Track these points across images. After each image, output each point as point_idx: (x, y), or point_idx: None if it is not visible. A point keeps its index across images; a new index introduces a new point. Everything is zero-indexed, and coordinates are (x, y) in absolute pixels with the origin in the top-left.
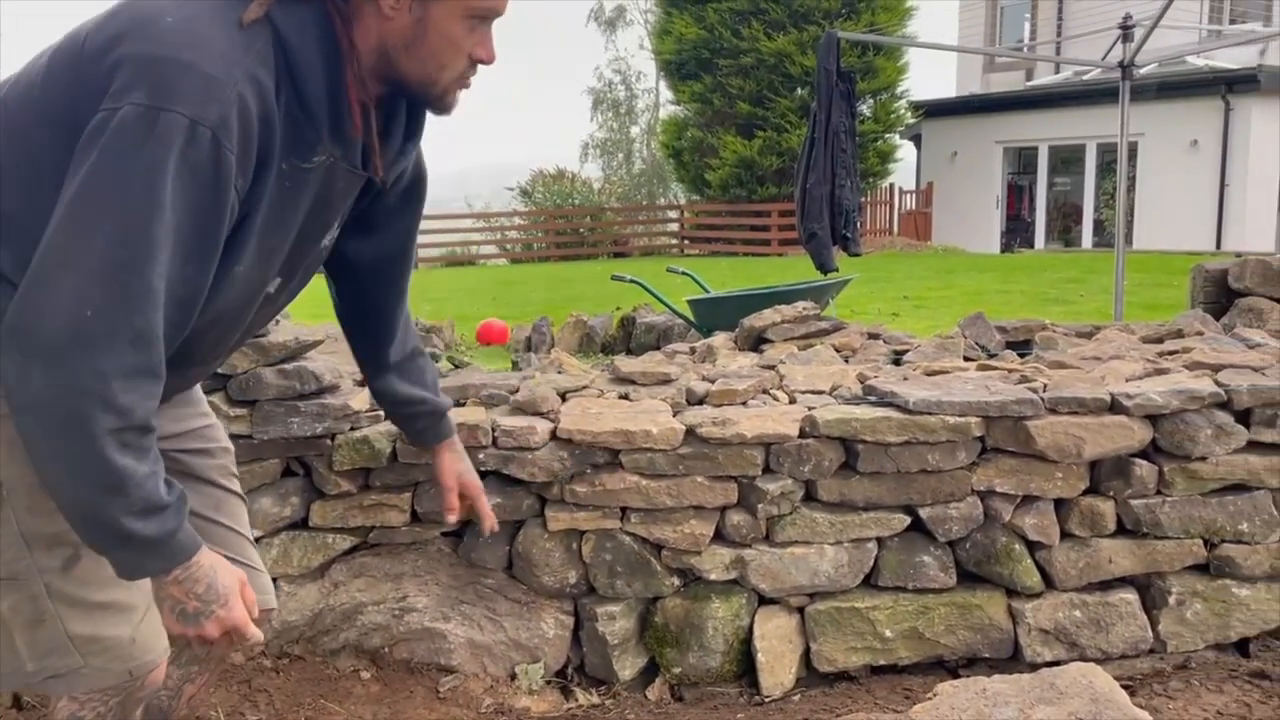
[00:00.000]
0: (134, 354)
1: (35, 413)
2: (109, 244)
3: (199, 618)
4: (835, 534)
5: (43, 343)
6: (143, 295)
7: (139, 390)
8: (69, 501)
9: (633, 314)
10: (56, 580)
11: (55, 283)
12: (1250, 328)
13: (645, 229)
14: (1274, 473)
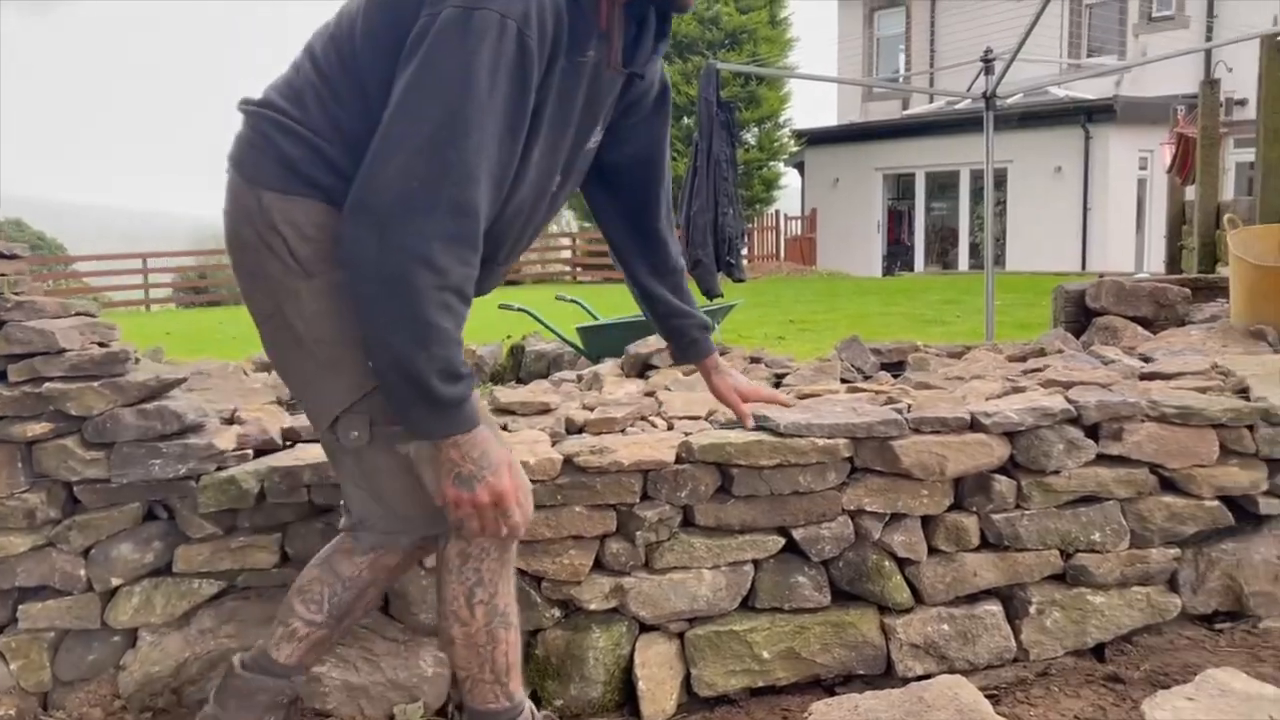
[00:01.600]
0: (453, 222)
1: (367, 273)
2: (433, 125)
3: (472, 481)
4: (713, 558)
5: (375, 211)
6: (461, 170)
7: (456, 255)
8: (385, 355)
9: (522, 343)
10: None
11: (387, 161)
12: (1106, 345)
13: (539, 256)
14: (1122, 484)
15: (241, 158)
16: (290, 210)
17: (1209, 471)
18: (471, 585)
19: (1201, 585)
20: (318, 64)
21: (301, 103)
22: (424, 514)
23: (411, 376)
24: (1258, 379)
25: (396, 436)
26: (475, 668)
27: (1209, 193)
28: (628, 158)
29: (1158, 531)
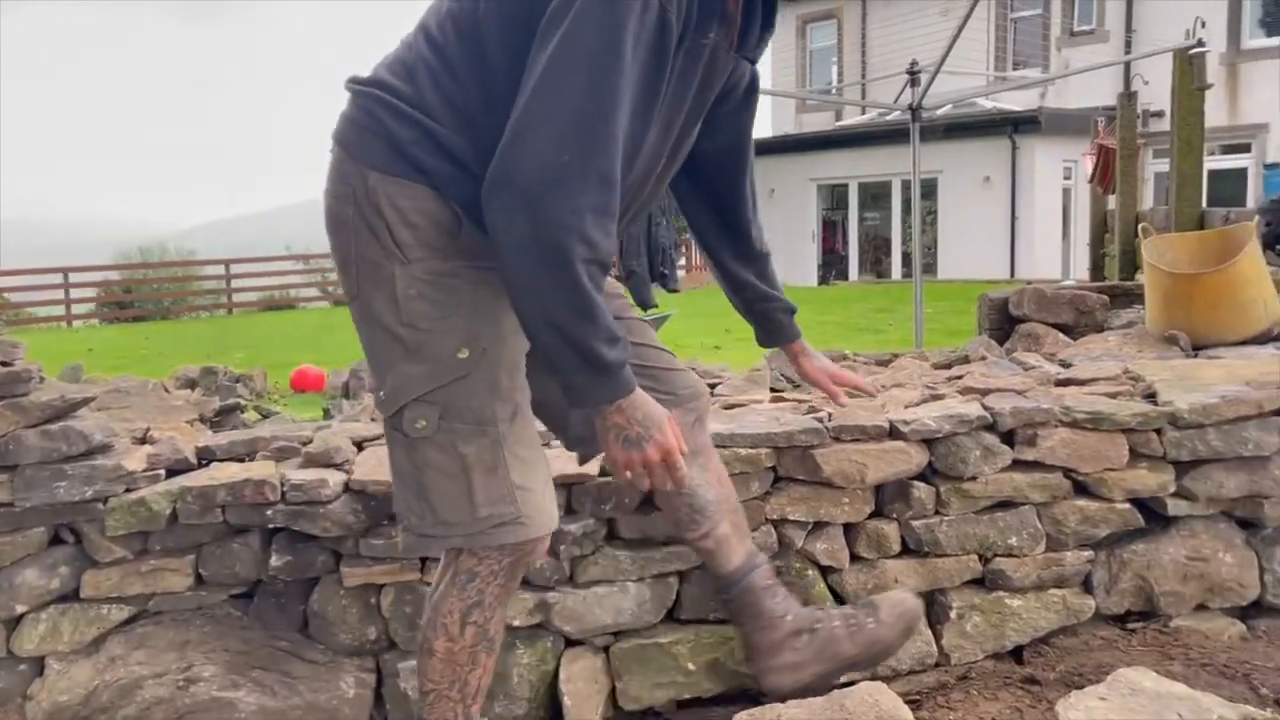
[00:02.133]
0: (600, 193)
1: (522, 250)
2: (580, 97)
3: (641, 442)
4: (638, 571)
5: (526, 186)
6: (607, 141)
7: (603, 227)
8: (548, 329)
9: None
10: (507, 430)
11: (534, 135)
12: (1028, 352)
13: None
14: (1037, 488)
15: (348, 137)
16: (396, 194)
17: (1120, 475)
18: (471, 604)
19: (1114, 586)
20: (432, 40)
21: (413, 80)
22: (462, 522)
23: (577, 346)
24: (1165, 384)
25: (460, 434)
26: (445, 684)
27: (1128, 202)
28: (717, 147)
29: (1072, 534)
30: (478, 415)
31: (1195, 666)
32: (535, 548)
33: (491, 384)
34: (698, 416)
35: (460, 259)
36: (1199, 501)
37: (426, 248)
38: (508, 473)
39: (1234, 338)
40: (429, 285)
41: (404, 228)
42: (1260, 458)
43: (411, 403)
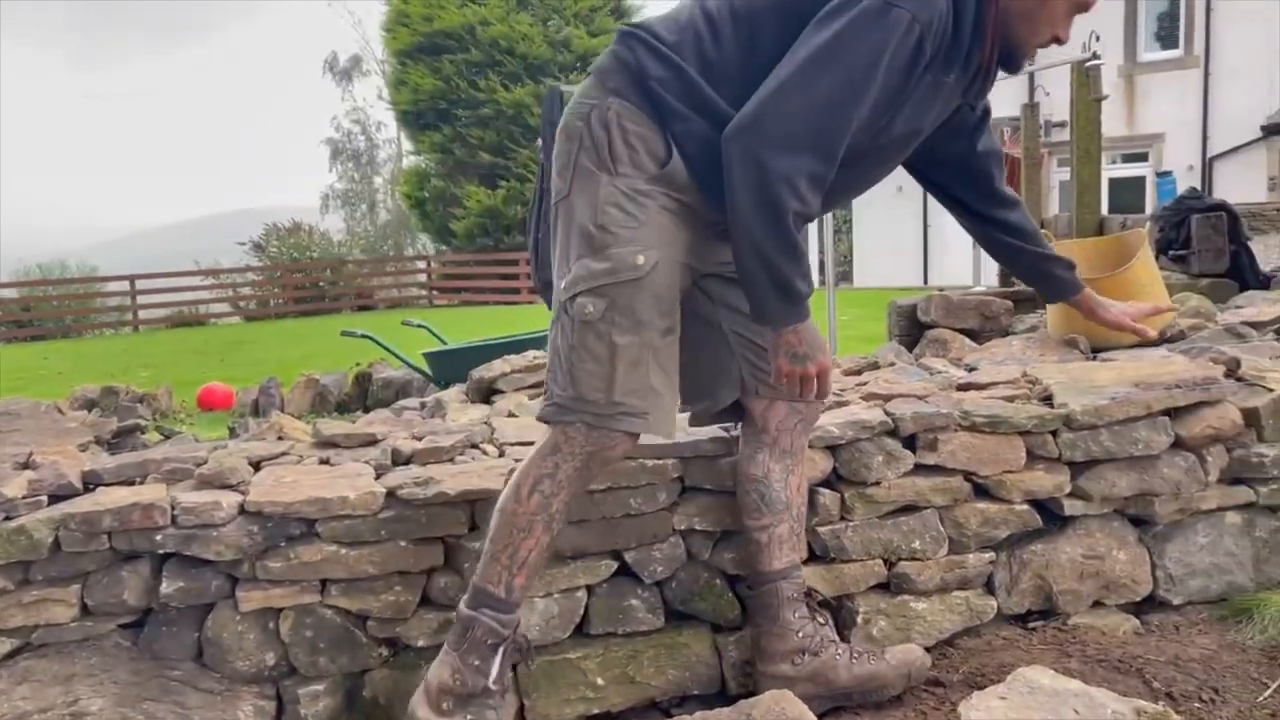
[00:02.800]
0: (821, 165)
1: (748, 188)
2: (833, 87)
3: (805, 360)
4: (544, 586)
5: (771, 138)
6: (841, 129)
7: (815, 193)
8: (757, 254)
9: (369, 370)
10: (658, 339)
11: (787, 100)
12: (936, 357)
13: (394, 280)
14: (939, 492)
15: (604, 66)
16: (626, 118)
17: (1018, 477)
18: (544, 474)
19: (1015, 586)
20: (708, 14)
21: (680, 34)
22: (594, 401)
23: (779, 277)
24: (1061, 386)
25: (618, 327)
26: (500, 546)
27: (1033, 209)
28: (948, 160)
29: (973, 537)
30: (638, 317)
31: (1092, 663)
32: (616, 446)
33: (655, 295)
34: (803, 419)
35: (659, 185)
36: (1093, 501)
37: (635, 168)
38: (647, 373)
39: (1131, 340)
40: (626, 198)
41: (623, 146)
42: (1150, 457)
43: (585, 292)
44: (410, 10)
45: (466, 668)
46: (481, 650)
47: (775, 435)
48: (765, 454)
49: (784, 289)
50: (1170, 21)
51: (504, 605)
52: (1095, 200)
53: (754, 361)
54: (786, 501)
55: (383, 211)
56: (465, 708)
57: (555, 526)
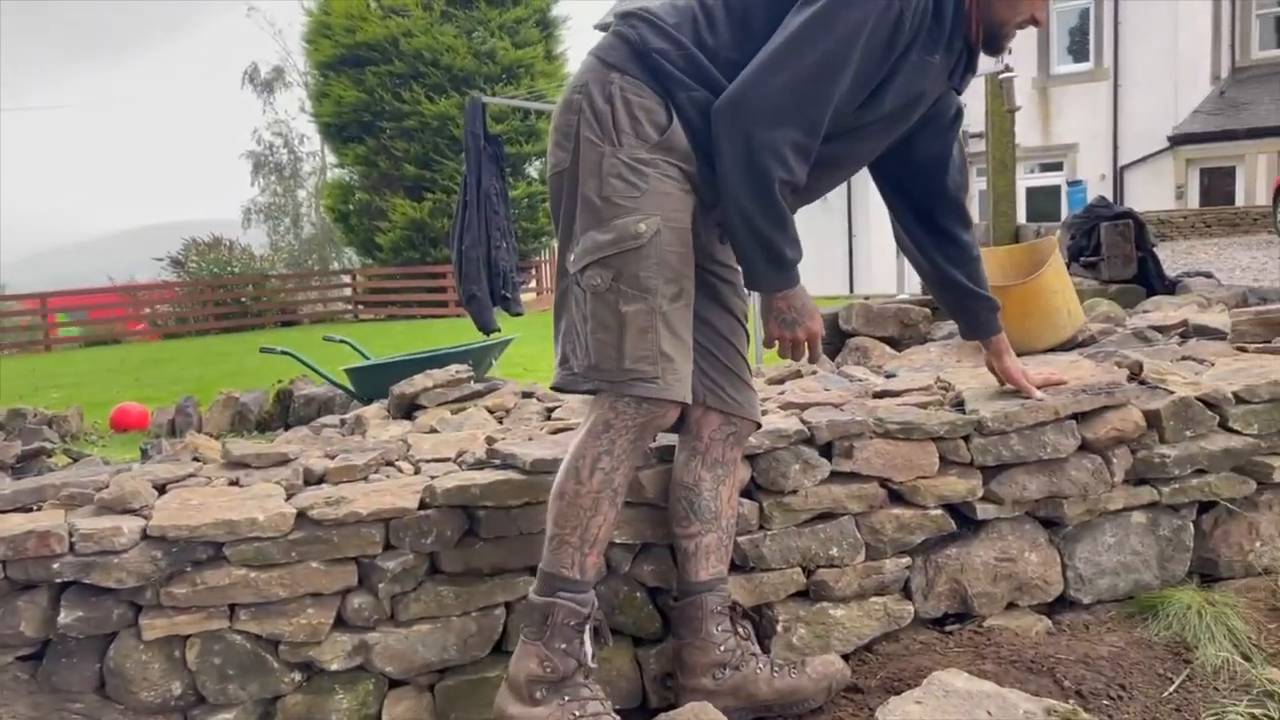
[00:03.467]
0: (806, 135)
1: (736, 159)
2: (818, 59)
3: (794, 324)
4: (462, 605)
5: (754, 112)
6: (825, 98)
7: (801, 162)
8: (746, 223)
9: (290, 387)
10: (665, 305)
11: (772, 74)
12: (857, 365)
13: (319, 295)
14: (855, 499)
15: (604, 45)
16: (629, 90)
17: (931, 482)
18: (601, 451)
19: (931, 590)
20: (705, 2)
21: (677, 14)
22: (609, 370)
23: (767, 244)
24: (972, 392)
25: (624, 296)
26: (568, 529)
27: None
28: (923, 161)
29: (890, 542)
30: (643, 284)
31: (1005, 664)
32: (666, 413)
33: (660, 261)
34: (735, 432)
35: (660, 153)
36: (1005, 504)
37: (637, 138)
38: (657, 339)
39: (1044, 345)
40: (628, 169)
41: (626, 117)
42: (1058, 460)
43: (593, 263)
44: (332, 22)
45: (555, 653)
46: (567, 633)
47: (707, 444)
48: (697, 462)
49: (773, 255)
50: (1081, 36)
51: (579, 585)
52: (1011, 209)
53: (705, 370)
54: (716, 512)
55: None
56: (559, 692)
57: (619, 501)
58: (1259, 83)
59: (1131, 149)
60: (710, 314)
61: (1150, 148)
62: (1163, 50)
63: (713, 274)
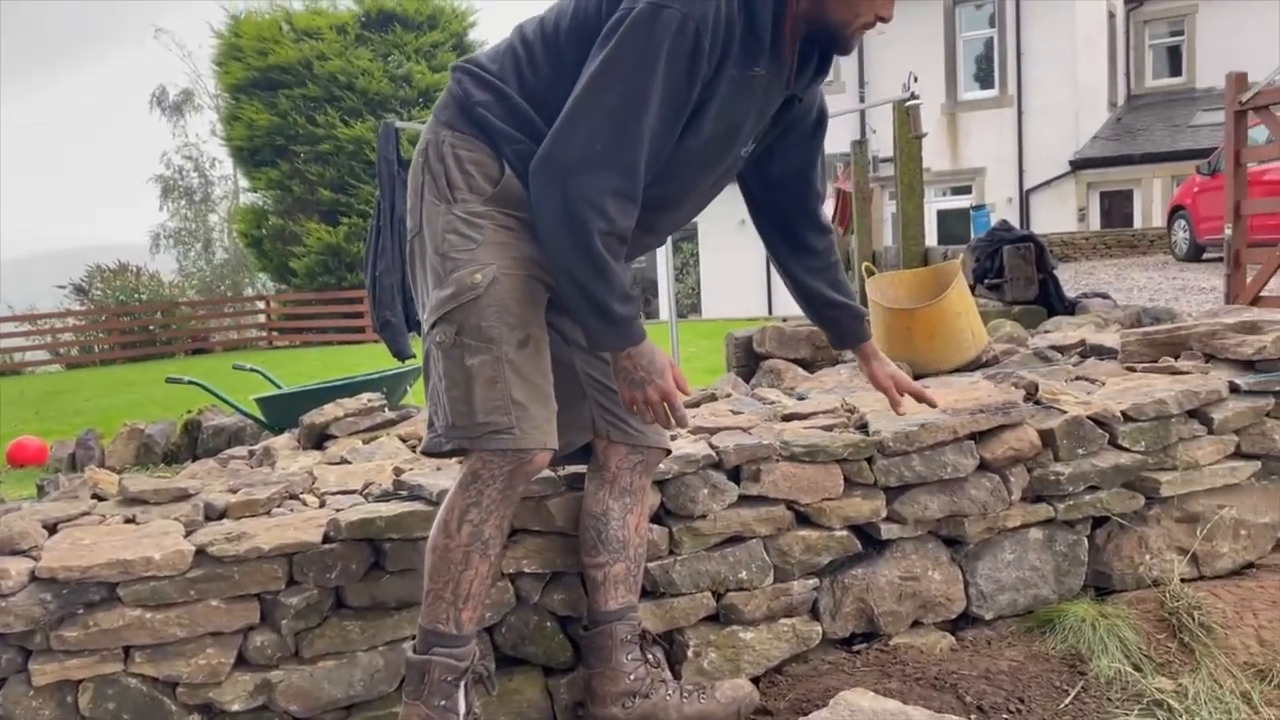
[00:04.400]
0: (623, 180)
1: (553, 216)
2: (617, 100)
3: (644, 385)
4: (368, 640)
5: (564, 165)
6: (635, 138)
7: (622, 209)
8: (571, 281)
9: (199, 418)
10: (512, 353)
11: (577, 124)
12: (771, 387)
13: (233, 322)
14: (763, 522)
15: (439, 103)
16: (459, 145)
17: (837, 504)
18: (469, 503)
19: (839, 611)
20: (525, 38)
21: (499, 61)
22: (465, 426)
23: (592, 300)
24: (875, 414)
25: (469, 349)
26: (441, 584)
27: (865, 241)
28: (784, 173)
29: (797, 564)
30: (485, 334)
31: (910, 681)
32: (532, 459)
33: (501, 309)
34: (643, 460)
35: (494, 204)
36: (908, 524)
37: (471, 192)
38: (507, 388)
39: (950, 365)
40: (463, 223)
41: (458, 173)
42: (958, 479)
43: (438, 320)
44: (243, 45)
45: (435, 711)
46: (445, 689)
47: (615, 473)
48: (605, 492)
49: (602, 312)
50: (987, 64)
51: (456, 640)
52: (919, 232)
53: (603, 404)
54: (624, 541)
55: (219, 250)
56: None
57: (492, 553)
58: (1153, 110)
59: (1036, 173)
60: None
61: (1053, 172)
62: (1063, 79)
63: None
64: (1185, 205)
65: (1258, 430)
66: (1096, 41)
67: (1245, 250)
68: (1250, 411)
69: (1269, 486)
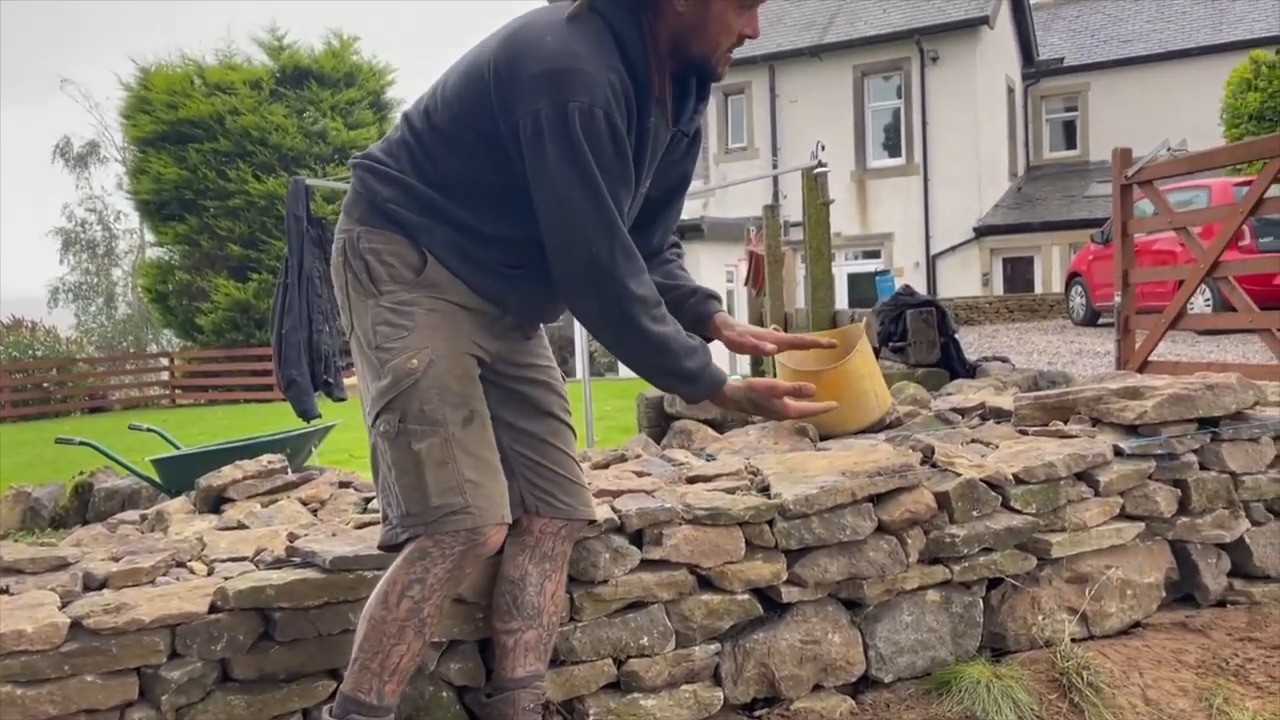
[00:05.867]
0: (627, 260)
1: (603, 326)
2: (584, 202)
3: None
4: (254, 714)
5: (583, 282)
6: (615, 221)
7: (642, 282)
8: (644, 367)
9: (90, 480)
10: (458, 431)
11: (569, 245)
12: (681, 448)
13: (135, 379)
14: (665, 586)
15: (347, 202)
16: (376, 240)
17: (738, 567)
18: (413, 579)
19: (740, 676)
20: (411, 125)
21: (396, 155)
22: (420, 512)
23: (669, 372)
24: (777, 476)
25: (415, 434)
26: (370, 654)
27: (777, 302)
28: (658, 195)
29: (699, 629)
30: (429, 417)
31: None
32: (486, 540)
33: (442, 390)
34: (567, 527)
35: (420, 291)
36: (809, 587)
37: (396, 283)
38: (458, 467)
39: (854, 427)
40: (392, 313)
41: (380, 266)
42: (857, 541)
43: (380, 411)
44: (153, 98)
45: None
46: None
47: (538, 538)
48: (525, 556)
49: (680, 376)
50: (894, 133)
51: (376, 711)
52: (829, 295)
53: (533, 480)
54: (539, 608)
55: (122, 305)
56: None
57: (427, 632)
58: (1050, 180)
59: (942, 239)
60: (527, 422)
61: (958, 238)
62: (966, 149)
63: (519, 380)
64: (1081, 272)
65: (1141, 492)
66: (997, 115)
67: (1134, 317)
68: (1134, 474)
69: (1152, 547)
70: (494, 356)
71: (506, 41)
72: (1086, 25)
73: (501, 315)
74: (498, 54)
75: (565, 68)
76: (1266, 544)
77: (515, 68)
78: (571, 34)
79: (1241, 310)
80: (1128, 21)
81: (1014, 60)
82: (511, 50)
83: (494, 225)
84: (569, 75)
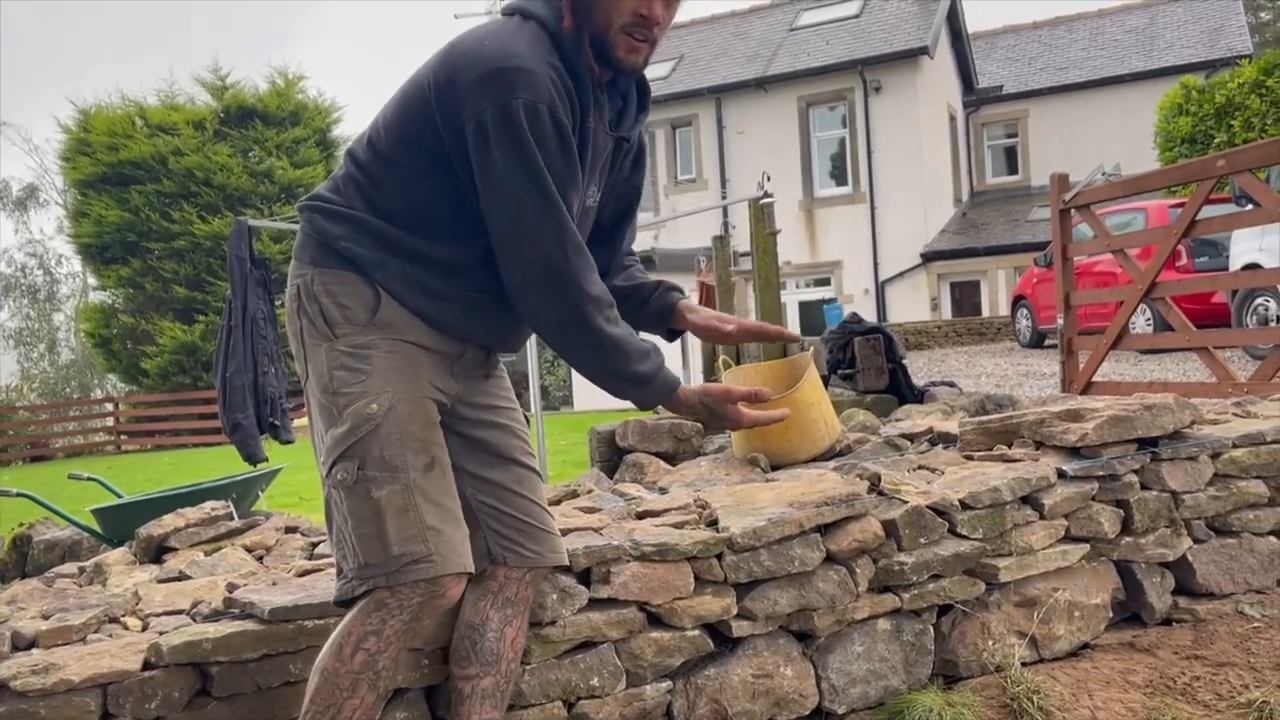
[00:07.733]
0: (580, 258)
1: (557, 328)
2: (535, 201)
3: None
4: None
5: (534, 284)
6: (565, 220)
7: (594, 282)
8: (596, 371)
9: (29, 532)
10: (419, 478)
11: (518, 246)
12: (634, 481)
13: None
14: (614, 625)
15: (297, 245)
16: (330, 281)
17: (688, 603)
18: (369, 631)
19: (693, 713)
20: (355, 158)
21: (343, 191)
22: (380, 562)
23: (623, 375)
24: (725, 509)
25: (374, 481)
26: (322, 706)
27: None
28: (615, 212)
29: (650, 667)
30: (390, 463)
31: None
32: (445, 592)
33: (403, 435)
34: (532, 573)
35: (377, 332)
36: (759, 620)
37: (351, 324)
38: (419, 514)
39: (805, 455)
40: (349, 356)
41: (334, 307)
42: (806, 573)
43: (337, 459)
44: (92, 139)
45: None
46: None
47: (501, 583)
48: (487, 602)
49: (632, 379)
50: (841, 162)
51: None
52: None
53: (498, 530)
54: (498, 654)
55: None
56: None
57: (381, 685)
58: (994, 206)
59: (890, 265)
60: (490, 471)
61: (906, 264)
62: (911, 176)
63: (479, 424)
64: (1026, 295)
65: (1085, 514)
66: (940, 142)
67: (1077, 338)
68: (1077, 496)
69: (1098, 568)
70: (453, 399)
71: (444, 55)
72: (1024, 53)
73: (461, 353)
74: (437, 68)
75: (507, 67)
76: (1209, 561)
77: (455, 75)
78: (508, 36)
79: (1179, 329)
80: (1063, 49)
81: (955, 88)
82: (450, 61)
83: (449, 251)
84: (511, 74)
